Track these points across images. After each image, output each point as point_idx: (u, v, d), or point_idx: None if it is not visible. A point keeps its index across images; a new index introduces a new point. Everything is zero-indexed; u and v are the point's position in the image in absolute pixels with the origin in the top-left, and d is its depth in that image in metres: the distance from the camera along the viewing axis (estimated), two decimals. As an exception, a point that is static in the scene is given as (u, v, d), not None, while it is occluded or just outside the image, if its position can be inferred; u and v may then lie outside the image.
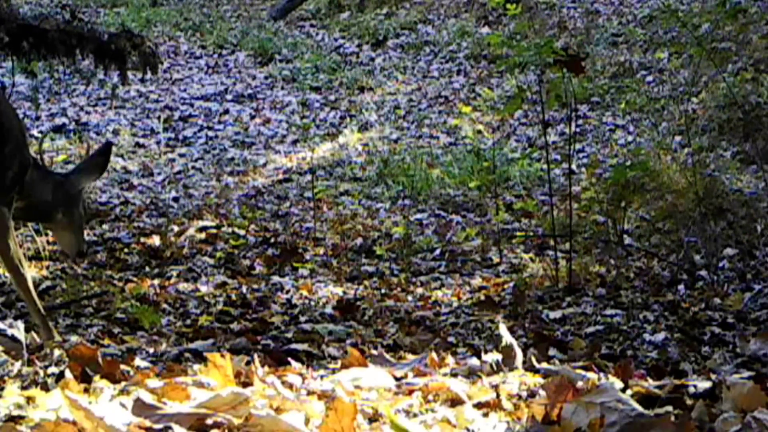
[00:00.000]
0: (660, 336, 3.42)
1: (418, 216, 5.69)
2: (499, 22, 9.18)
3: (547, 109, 4.46)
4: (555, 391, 1.57)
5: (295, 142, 7.26)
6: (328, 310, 3.84)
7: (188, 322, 3.62)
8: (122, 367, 1.98)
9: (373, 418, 1.57)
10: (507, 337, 2.17)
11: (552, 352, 3.05)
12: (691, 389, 1.78)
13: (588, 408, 1.48)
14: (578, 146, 6.30)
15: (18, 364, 2.08)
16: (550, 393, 1.58)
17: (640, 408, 1.48)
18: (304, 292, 4.11)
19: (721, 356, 3.14)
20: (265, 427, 1.45)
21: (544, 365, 2.11)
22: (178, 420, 1.46)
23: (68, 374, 1.84)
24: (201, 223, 5.19)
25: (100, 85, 7.76)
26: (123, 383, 1.80)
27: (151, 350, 3.06)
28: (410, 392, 1.76)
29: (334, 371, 1.99)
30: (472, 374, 1.98)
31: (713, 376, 2.07)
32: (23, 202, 3.13)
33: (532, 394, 1.78)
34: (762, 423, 1.51)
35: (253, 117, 7.84)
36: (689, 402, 1.67)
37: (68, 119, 7.48)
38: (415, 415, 1.61)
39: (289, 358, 2.39)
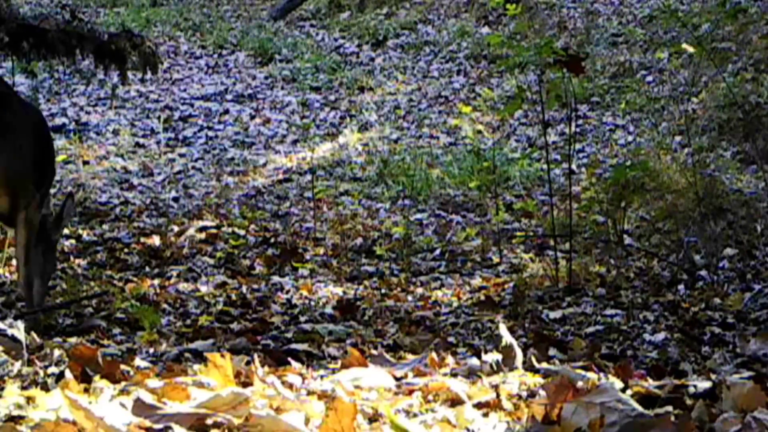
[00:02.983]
0: (660, 336, 3.43)
1: (418, 216, 5.71)
2: (499, 22, 9.19)
3: (547, 109, 4.47)
4: (555, 391, 1.57)
5: (295, 142, 7.27)
6: (328, 310, 3.84)
7: (188, 322, 3.62)
8: (122, 367, 1.99)
9: (373, 418, 1.58)
10: (507, 337, 2.17)
11: (552, 352, 3.03)
12: (691, 389, 1.78)
13: (588, 408, 1.48)
14: (578, 146, 6.31)
15: (18, 364, 2.08)
16: (550, 393, 1.58)
17: (640, 408, 1.48)
18: (304, 292, 4.12)
19: (721, 356, 3.14)
20: (265, 427, 1.45)
21: (544, 365, 2.11)
22: (178, 420, 1.46)
23: (68, 374, 1.84)
24: (201, 223, 5.21)
25: (100, 85, 7.78)
26: (123, 383, 1.80)
27: (151, 350, 3.06)
28: (410, 392, 1.77)
29: (334, 371, 1.99)
30: (472, 374, 1.99)
31: (713, 376, 2.07)
32: None
33: (532, 394, 1.78)
34: (762, 423, 1.52)
35: (253, 117, 7.85)
36: (689, 402, 1.68)
37: (68, 119, 7.50)
38: (415, 415, 1.62)
39: (289, 358, 2.39)
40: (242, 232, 5.13)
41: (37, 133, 3.49)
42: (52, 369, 1.95)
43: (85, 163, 6.56)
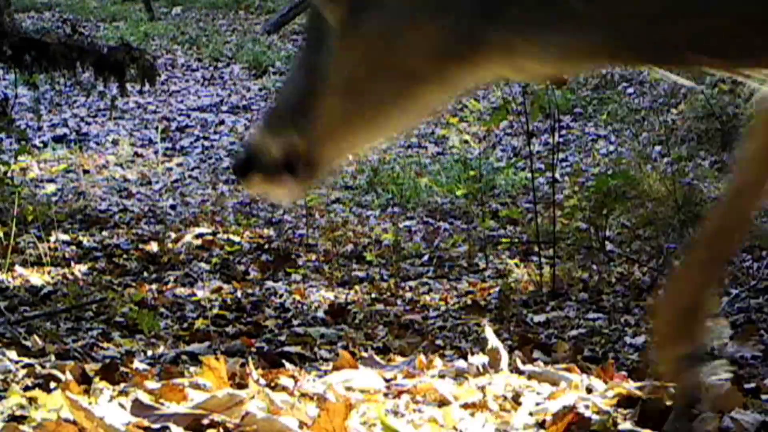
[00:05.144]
0: (641, 339, 3.48)
1: (407, 223, 5.77)
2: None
3: (531, 120, 4.54)
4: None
5: (288, 152, 7.37)
6: (320, 314, 3.89)
7: (185, 325, 3.67)
8: (121, 369, 2.05)
9: (364, 419, 1.63)
10: (493, 340, 2.18)
11: (536, 354, 3.05)
12: (671, 390, 1.81)
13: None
14: (561, 156, 6.40)
15: (20, 366, 2.18)
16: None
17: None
18: (297, 297, 4.16)
19: None
20: (261, 427, 1.52)
21: (529, 367, 2.13)
22: (175, 420, 1.52)
23: (69, 375, 1.91)
24: (197, 230, 5.28)
25: (99, 96, 7.85)
26: (122, 384, 1.86)
27: (149, 353, 3.11)
28: (399, 393, 1.81)
29: (326, 373, 2.04)
30: (459, 376, 2.01)
31: None
32: None
33: (517, 395, 1.85)
34: (740, 423, 1.59)
35: (247, 127, 7.94)
36: (669, 403, 1.69)
37: (69, 129, 7.58)
38: (404, 416, 1.67)
39: (283, 361, 2.44)
40: (237, 239, 5.20)
41: None
42: (53, 371, 2.03)
43: (86, 172, 6.65)
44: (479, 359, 2.09)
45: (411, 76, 1.03)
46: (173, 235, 5.18)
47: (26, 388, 1.85)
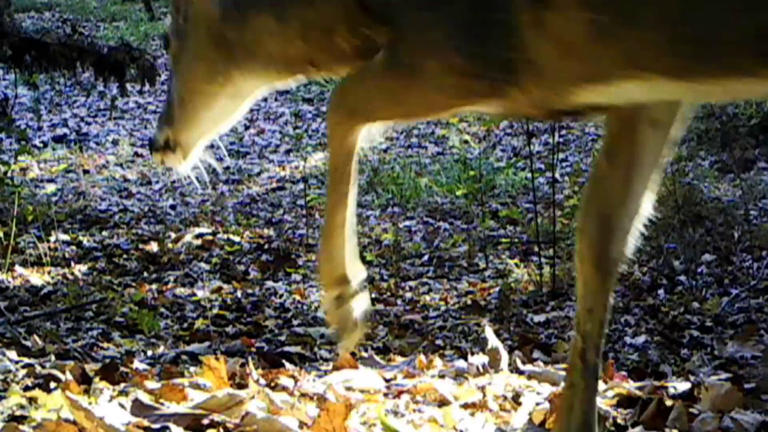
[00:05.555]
0: (641, 339, 3.50)
1: (407, 223, 5.79)
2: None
3: (531, 119, 4.57)
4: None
5: (288, 152, 7.40)
6: (320, 314, 3.89)
7: (185, 325, 3.70)
8: (121, 369, 2.07)
9: (364, 419, 1.65)
10: (493, 340, 2.23)
11: (536, 354, 3.08)
12: (671, 390, 1.88)
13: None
14: (561, 156, 6.41)
15: (20, 366, 2.19)
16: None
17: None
18: (297, 297, 4.18)
19: (700, 358, 3.22)
20: (261, 427, 1.53)
21: (529, 367, 2.18)
22: (175, 420, 1.54)
23: (69, 376, 1.93)
24: (197, 230, 5.30)
25: (99, 96, 7.88)
26: (122, 384, 1.88)
27: (149, 353, 3.14)
28: (399, 393, 1.84)
29: (326, 373, 2.06)
30: (459, 376, 2.05)
31: (692, 378, 2.16)
32: None
33: (517, 395, 1.87)
34: (739, 423, 1.61)
35: (247, 127, 7.97)
36: (669, 403, 1.74)
37: (69, 129, 7.60)
38: (404, 416, 1.69)
39: (283, 361, 2.47)
40: (237, 239, 5.22)
41: None
42: (53, 371, 2.04)
43: (86, 172, 6.66)
44: (479, 359, 2.12)
45: (205, 93, 1.72)
46: (173, 235, 5.20)
47: (26, 388, 1.87)
